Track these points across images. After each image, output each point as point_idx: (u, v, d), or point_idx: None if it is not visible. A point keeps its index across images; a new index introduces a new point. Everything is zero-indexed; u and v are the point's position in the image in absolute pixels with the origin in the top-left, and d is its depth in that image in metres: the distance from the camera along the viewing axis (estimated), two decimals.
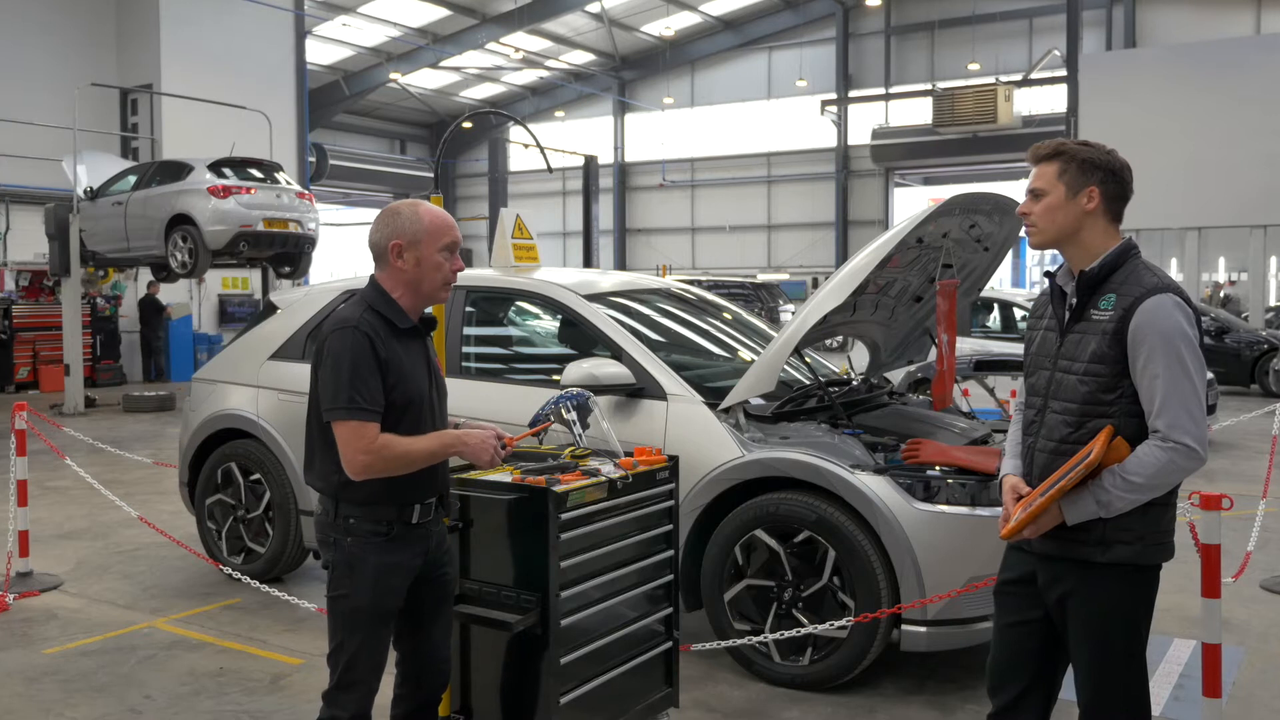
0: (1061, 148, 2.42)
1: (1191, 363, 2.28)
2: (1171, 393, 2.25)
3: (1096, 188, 2.39)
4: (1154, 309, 2.28)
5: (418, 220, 2.60)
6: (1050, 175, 2.41)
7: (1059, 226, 2.41)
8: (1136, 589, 2.36)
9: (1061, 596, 2.41)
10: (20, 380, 15.57)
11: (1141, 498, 2.28)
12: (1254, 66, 17.74)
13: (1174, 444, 2.25)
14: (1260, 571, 5.35)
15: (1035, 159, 2.46)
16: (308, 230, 12.60)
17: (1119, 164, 2.42)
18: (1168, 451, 2.25)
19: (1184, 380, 2.26)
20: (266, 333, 5.46)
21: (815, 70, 30.77)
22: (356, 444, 2.46)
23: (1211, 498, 3.26)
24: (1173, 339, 2.27)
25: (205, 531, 5.45)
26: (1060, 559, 2.39)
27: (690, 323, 5.27)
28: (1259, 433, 9.33)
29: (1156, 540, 2.34)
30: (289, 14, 19.84)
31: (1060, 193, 2.40)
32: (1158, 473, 2.26)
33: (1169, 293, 2.30)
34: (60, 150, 14.46)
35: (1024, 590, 2.49)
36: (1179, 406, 2.25)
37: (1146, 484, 2.26)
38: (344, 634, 2.58)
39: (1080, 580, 2.37)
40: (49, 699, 3.91)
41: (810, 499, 3.87)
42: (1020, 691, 2.50)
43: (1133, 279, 2.34)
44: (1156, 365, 2.26)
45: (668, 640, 3.37)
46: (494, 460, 2.57)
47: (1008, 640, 2.54)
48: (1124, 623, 2.36)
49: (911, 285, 4.84)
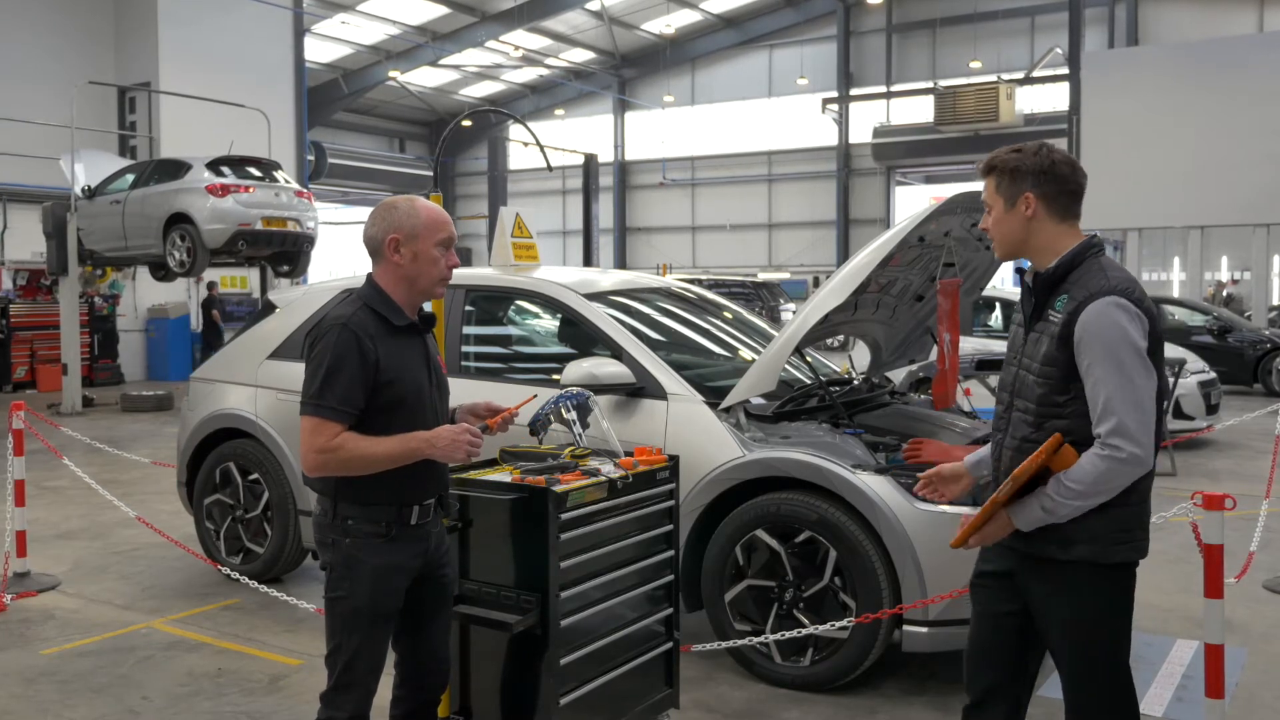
0: (993, 161, 2.43)
1: (1133, 367, 2.25)
2: (1113, 398, 2.23)
3: (1030, 193, 2.38)
4: (1098, 313, 2.26)
5: (414, 215, 2.59)
6: (991, 190, 2.44)
7: (1008, 238, 2.43)
8: (1106, 587, 2.35)
9: (1037, 595, 2.41)
10: (18, 380, 15.55)
11: (1085, 504, 2.27)
12: (1257, 65, 17.72)
13: (1112, 450, 2.23)
14: (1263, 572, 5.33)
15: (980, 175, 2.49)
16: (306, 229, 12.59)
17: (1049, 162, 2.37)
18: (1105, 460, 2.23)
19: (1126, 385, 2.23)
20: (265, 332, 5.44)
21: (816, 68, 30.74)
22: (312, 441, 2.46)
23: (1214, 498, 3.24)
24: (1113, 344, 2.24)
25: (203, 531, 5.43)
26: (1029, 556, 2.41)
27: (691, 322, 5.25)
28: (1262, 432, 9.31)
29: (1119, 540, 2.32)
30: (288, 12, 19.82)
31: (1000, 206, 2.42)
32: (1097, 480, 2.24)
33: (1115, 295, 2.27)
34: (58, 148, 14.43)
35: (1000, 584, 2.49)
36: (1120, 412, 2.22)
37: (1088, 490, 2.25)
38: (342, 635, 2.57)
39: (1051, 579, 2.37)
40: (46, 699, 3.90)
41: (811, 499, 3.85)
42: (993, 684, 2.51)
43: (1085, 280, 2.32)
44: (1098, 370, 2.25)
45: (668, 641, 3.36)
46: (469, 456, 2.54)
47: (981, 632, 2.54)
48: (1099, 621, 2.36)
49: (913, 284, 4.82)
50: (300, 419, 2.50)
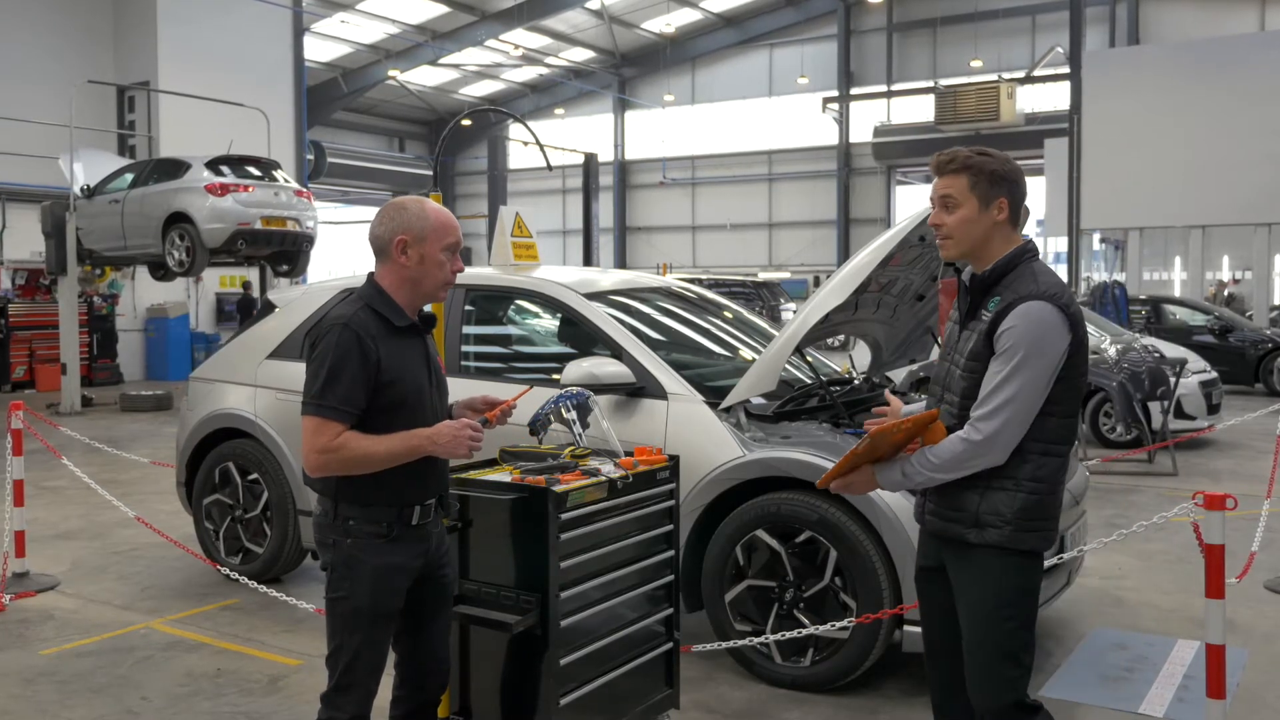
0: (969, 160, 2.46)
1: (1032, 368, 2.33)
2: (997, 390, 2.34)
3: (1005, 198, 2.45)
4: (1021, 314, 2.34)
5: (424, 217, 2.58)
6: (962, 187, 2.45)
7: (972, 238, 2.47)
8: (1010, 572, 2.41)
9: (955, 579, 2.49)
10: (17, 379, 15.54)
11: (938, 477, 2.40)
12: (1258, 64, 17.71)
13: (971, 432, 2.35)
14: (1265, 572, 5.32)
15: (940, 171, 2.49)
16: (306, 228, 12.57)
17: (1019, 172, 2.48)
18: (964, 443, 2.36)
19: (1013, 383, 2.33)
20: (264, 331, 5.43)
21: (817, 67, 30.74)
22: (314, 441, 2.46)
23: (1216, 498, 3.23)
24: (1021, 344, 2.33)
25: (203, 532, 5.42)
26: (944, 539, 2.49)
27: (691, 321, 5.24)
28: (1263, 432, 9.29)
29: (1028, 527, 2.40)
30: (287, 10, 19.81)
31: (974, 205, 2.45)
32: (952, 459, 2.38)
33: (1041, 300, 2.35)
34: (57, 148, 14.42)
35: (938, 576, 2.56)
36: (994, 403, 2.33)
37: (941, 466, 2.39)
38: (343, 635, 2.56)
39: (963, 561, 2.46)
40: (45, 700, 3.89)
41: (812, 499, 3.85)
42: (949, 678, 2.56)
43: (1016, 284, 2.41)
44: (1000, 363, 2.35)
45: (668, 641, 3.35)
46: (470, 452, 2.54)
47: (930, 625, 2.63)
48: (998, 604, 2.41)
49: (914, 283, 4.80)
50: (302, 419, 2.50)
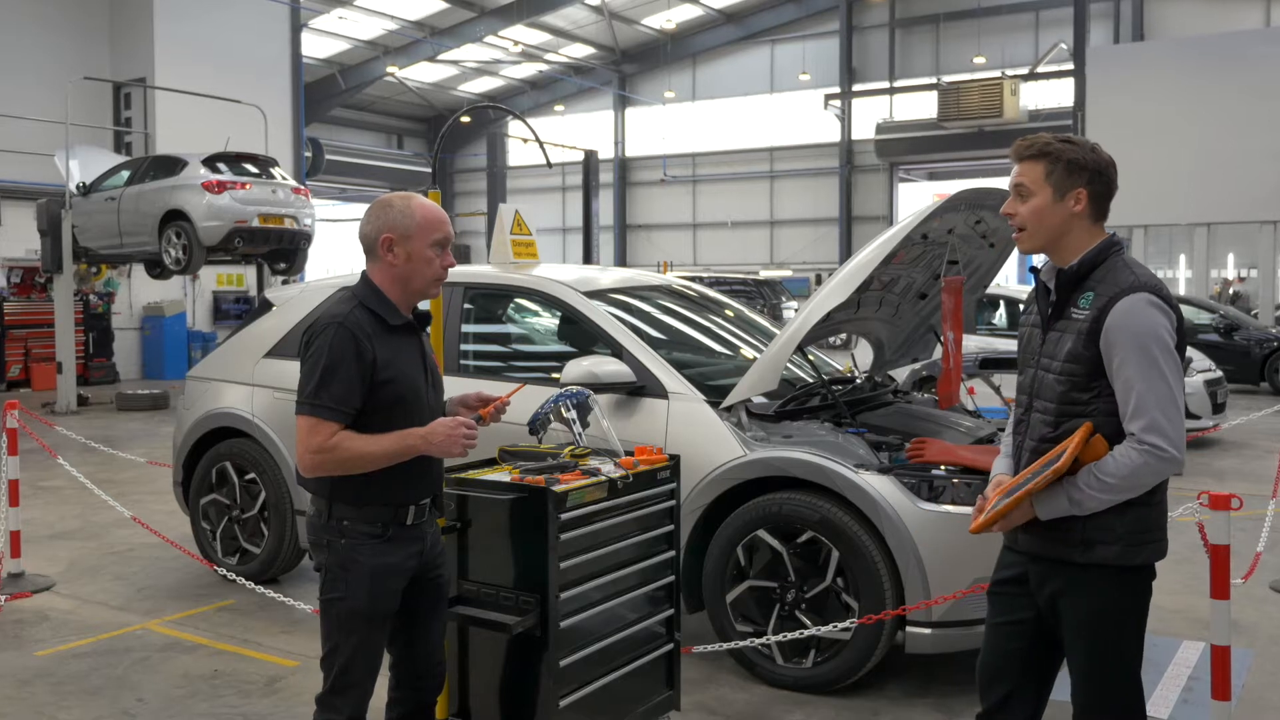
0: (1047, 147, 2.35)
1: (1165, 364, 2.23)
2: (1146, 395, 2.22)
3: (1084, 189, 2.34)
4: (1128, 308, 2.24)
5: (409, 214, 2.55)
6: (1037, 175, 2.35)
7: (1047, 229, 2.36)
8: (1124, 590, 2.33)
9: (1052, 596, 2.39)
10: (12, 378, 15.50)
11: (1114, 498, 2.25)
12: (1263, 59, 17.67)
13: (1149, 447, 2.21)
14: (1270, 572, 5.30)
15: (1019, 156, 2.40)
16: (304, 226, 12.53)
17: (1104, 162, 2.36)
18: (1143, 454, 2.21)
19: (1159, 382, 2.22)
20: (261, 330, 5.39)
21: (818, 64, 30.66)
22: (308, 441, 2.44)
23: (1220, 497, 3.20)
24: (1146, 340, 2.23)
25: (199, 532, 5.39)
26: (1045, 559, 2.38)
27: (692, 320, 5.22)
28: (1269, 431, 9.27)
29: (1140, 540, 2.30)
30: (284, 6, 19.77)
31: (1048, 195, 2.34)
32: (1132, 474, 2.22)
33: (1145, 291, 2.26)
34: (53, 145, 14.38)
35: (1016, 590, 2.47)
36: (1154, 409, 2.21)
37: (1119, 485, 2.23)
38: (338, 637, 2.55)
39: (1067, 581, 2.35)
40: (41, 701, 3.86)
41: (813, 499, 3.82)
42: (1008, 691, 2.48)
43: (1111, 277, 2.31)
44: (1130, 367, 2.23)
45: (669, 642, 3.34)
46: (465, 450, 2.51)
47: (996, 640, 2.53)
48: (1114, 624, 2.33)
49: (916, 282, 4.77)
50: (296, 418, 2.47)
